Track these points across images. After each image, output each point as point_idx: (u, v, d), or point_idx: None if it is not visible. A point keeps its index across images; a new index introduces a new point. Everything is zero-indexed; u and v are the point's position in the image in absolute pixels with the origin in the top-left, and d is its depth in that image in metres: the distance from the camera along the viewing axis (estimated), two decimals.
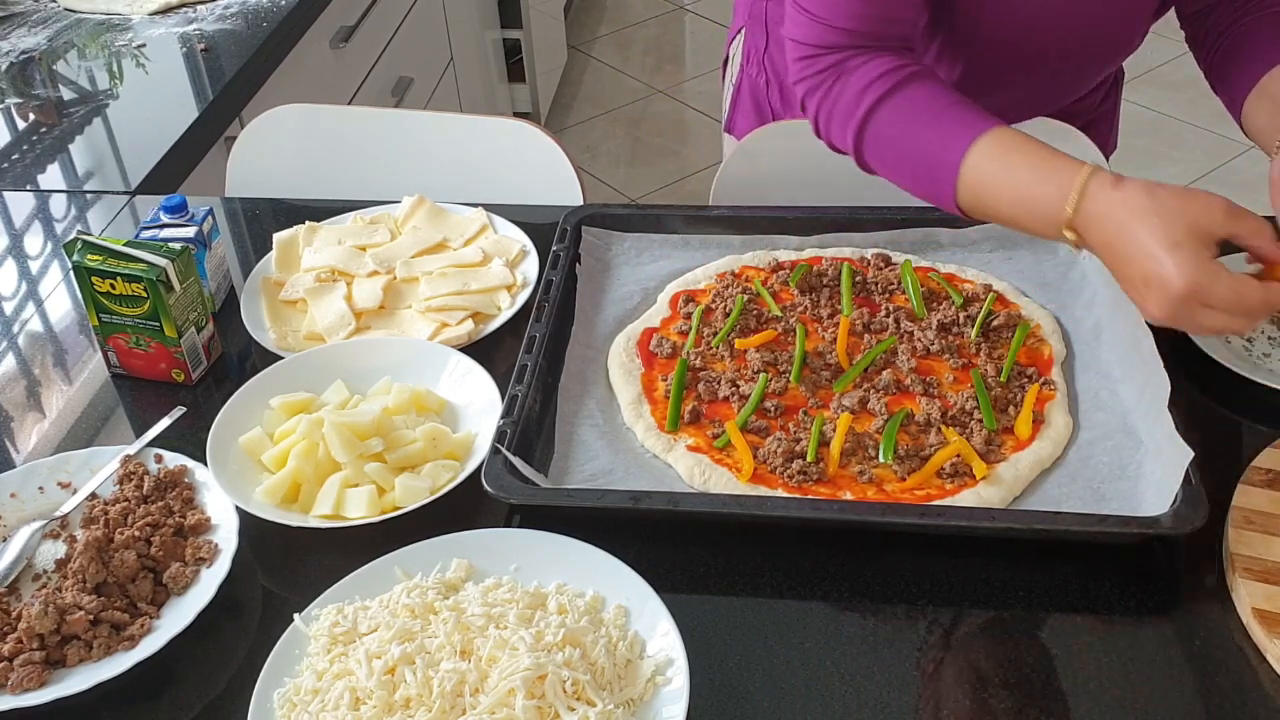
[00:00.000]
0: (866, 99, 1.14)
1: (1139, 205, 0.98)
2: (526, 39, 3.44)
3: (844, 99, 1.16)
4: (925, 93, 1.14)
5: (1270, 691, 0.91)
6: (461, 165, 1.62)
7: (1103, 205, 1.01)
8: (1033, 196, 1.05)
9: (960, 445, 1.08)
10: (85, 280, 1.22)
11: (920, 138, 1.13)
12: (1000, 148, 1.07)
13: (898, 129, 1.14)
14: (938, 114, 1.12)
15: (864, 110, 1.14)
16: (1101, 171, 1.02)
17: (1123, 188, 1.00)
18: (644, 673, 0.90)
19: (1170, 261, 0.95)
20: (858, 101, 1.15)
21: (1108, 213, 1.00)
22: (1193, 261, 0.95)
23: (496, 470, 1.06)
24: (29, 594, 1.03)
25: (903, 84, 1.13)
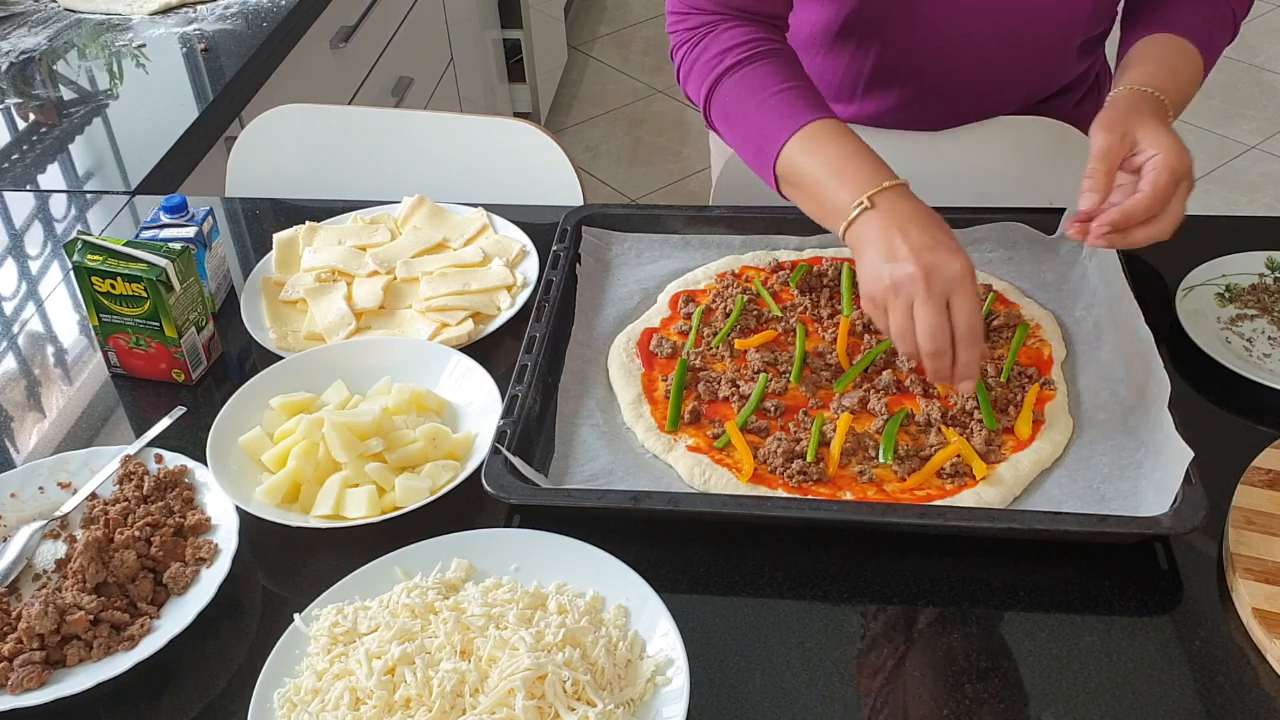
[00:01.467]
0: (717, 68, 1.21)
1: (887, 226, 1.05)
2: (526, 39, 3.44)
3: (700, 62, 1.23)
4: (767, 72, 1.19)
5: (1270, 691, 0.91)
6: (461, 165, 1.62)
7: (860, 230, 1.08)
8: (826, 198, 1.12)
9: (960, 445, 1.08)
10: (85, 280, 1.22)
11: (752, 117, 1.18)
12: (812, 143, 1.13)
13: (736, 105, 1.20)
14: (770, 98, 1.17)
15: (713, 78, 1.21)
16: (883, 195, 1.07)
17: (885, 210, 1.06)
18: (644, 673, 0.90)
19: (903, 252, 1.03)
20: (709, 68, 1.22)
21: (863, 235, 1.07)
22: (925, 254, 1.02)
23: (496, 470, 1.06)
24: (29, 594, 1.03)
25: (750, 60, 1.19)
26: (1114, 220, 1.06)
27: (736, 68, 1.20)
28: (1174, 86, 1.18)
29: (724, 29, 1.23)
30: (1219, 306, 1.26)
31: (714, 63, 1.21)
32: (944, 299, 1.02)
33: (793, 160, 1.14)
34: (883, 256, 1.04)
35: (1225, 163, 3.37)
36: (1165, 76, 1.18)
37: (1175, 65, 1.21)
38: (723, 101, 1.21)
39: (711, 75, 1.21)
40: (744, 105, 1.19)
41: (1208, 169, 3.38)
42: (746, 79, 1.19)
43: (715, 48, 1.22)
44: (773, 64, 1.20)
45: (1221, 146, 3.37)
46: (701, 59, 1.23)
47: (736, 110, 1.20)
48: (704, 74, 1.22)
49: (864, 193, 1.07)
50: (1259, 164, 3.37)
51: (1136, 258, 1.27)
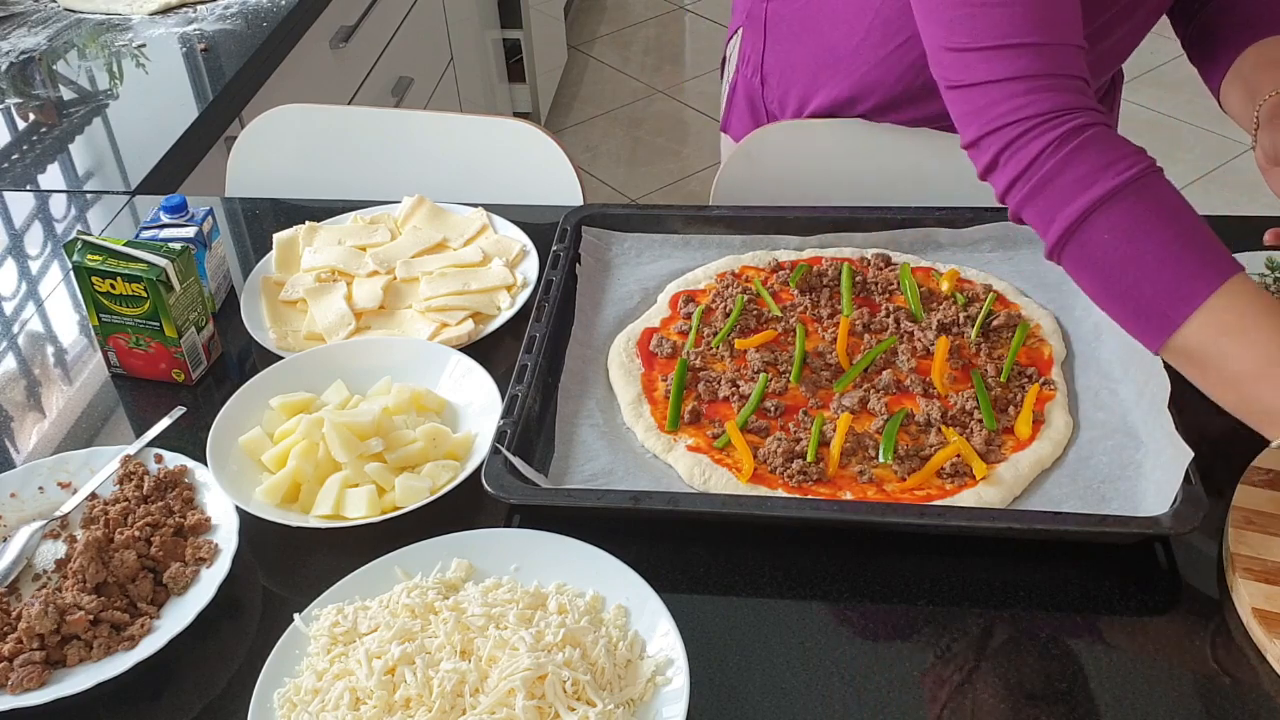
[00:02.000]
0: (1091, 191, 0.95)
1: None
2: (526, 39, 3.44)
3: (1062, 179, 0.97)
4: (1156, 206, 0.96)
5: (1270, 691, 0.91)
6: (461, 165, 1.62)
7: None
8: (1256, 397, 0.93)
9: (960, 445, 1.08)
10: (85, 280, 1.22)
11: (1142, 270, 0.95)
12: (1233, 318, 0.93)
13: (1116, 247, 0.96)
14: (1166, 243, 0.95)
15: (1085, 205, 0.96)
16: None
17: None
18: (644, 673, 0.90)
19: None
20: (1079, 190, 0.96)
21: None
22: None
23: (496, 470, 1.06)
24: (29, 594, 1.03)
25: (1134, 185, 0.95)
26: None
27: (1114, 197, 0.95)
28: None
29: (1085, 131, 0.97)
30: None
31: (1081, 186, 0.96)
32: None
33: (1203, 339, 0.94)
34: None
35: (1225, 163, 3.37)
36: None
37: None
38: (1095, 244, 0.96)
39: (1078, 205, 0.96)
40: (1125, 254, 0.95)
41: (1208, 169, 3.38)
42: (1129, 216, 0.95)
43: (1084, 164, 0.96)
44: (1158, 193, 0.96)
45: (1221, 146, 3.37)
46: (1062, 179, 0.97)
47: (1114, 259, 0.96)
48: (1063, 200, 0.97)
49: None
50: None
51: None
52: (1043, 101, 0.98)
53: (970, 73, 1.01)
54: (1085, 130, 0.97)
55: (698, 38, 4.32)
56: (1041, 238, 1.01)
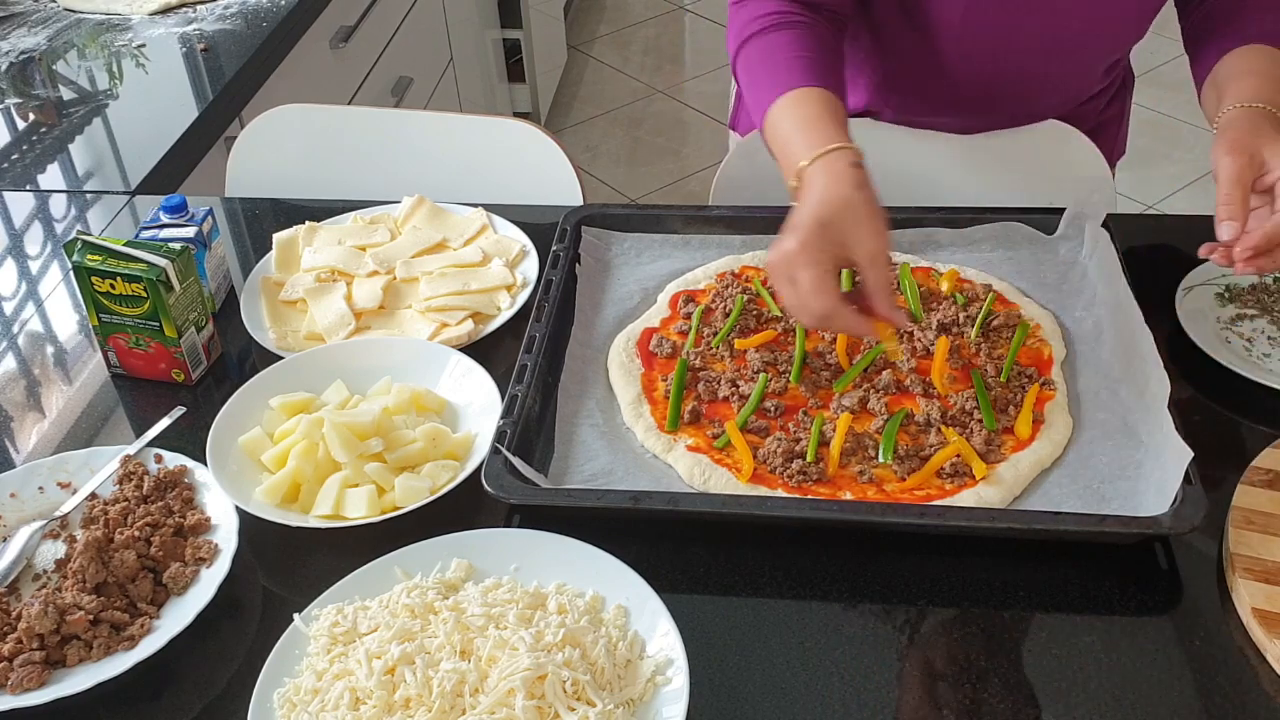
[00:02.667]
0: (749, 28, 1.28)
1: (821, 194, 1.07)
2: (526, 39, 3.44)
3: (737, 21, 1.31)
4: (787, 41, 1.25)
5: (1270, 691, 0.91)
6: (461, 165, 1.62)
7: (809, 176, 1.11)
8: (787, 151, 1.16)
9: (960, 445, 1.08)
10: (85, 280, 1.22)
11: (760, 78, 1.25)
12: (791, 103, 1.19)
13: (753, 66, 1.28)
14: (780, 63, 1.24)
15: (744, 37, 1.29)
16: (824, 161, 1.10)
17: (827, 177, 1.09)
18: (644, 673, 0.90)
19: (792, 234, 1.06)
20: (743, 28, 1.29)
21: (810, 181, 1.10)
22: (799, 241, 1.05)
23: (496, 470, 1.06)
24: (29, 594, 1.03)
25: (775, 27, 1.26)
26: (1256, 244, 1.04)
27: (764, 32, 1.26)
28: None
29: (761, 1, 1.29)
30: (1219, 306, 1.26)
31: (748, 25, 1.28)
32: None
33: (772, 118, 1.20)
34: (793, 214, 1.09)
35: None
36: (1271, 89, 1.15)
37: (1275, 75, 1.17)
38: (746, 60, 1.28)
39: (743, 35, 1.28)
40: (759, 67, 1.26)
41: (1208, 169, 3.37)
42: (770, 43, 1.26)
43: (754, 11, 1.28)
44: (795, 34, 1.25)
45: None
46: (739, 18, 1.30)
47: (752, 71, 1.27)
48: (738, 33, 1.30)
49: (815, 151, 1.11)
50: None
51: (1136, 258, 1.27)
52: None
53: None
54: None
55: (698, 38, 4.32)
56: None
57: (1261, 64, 1.19)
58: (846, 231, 1.05)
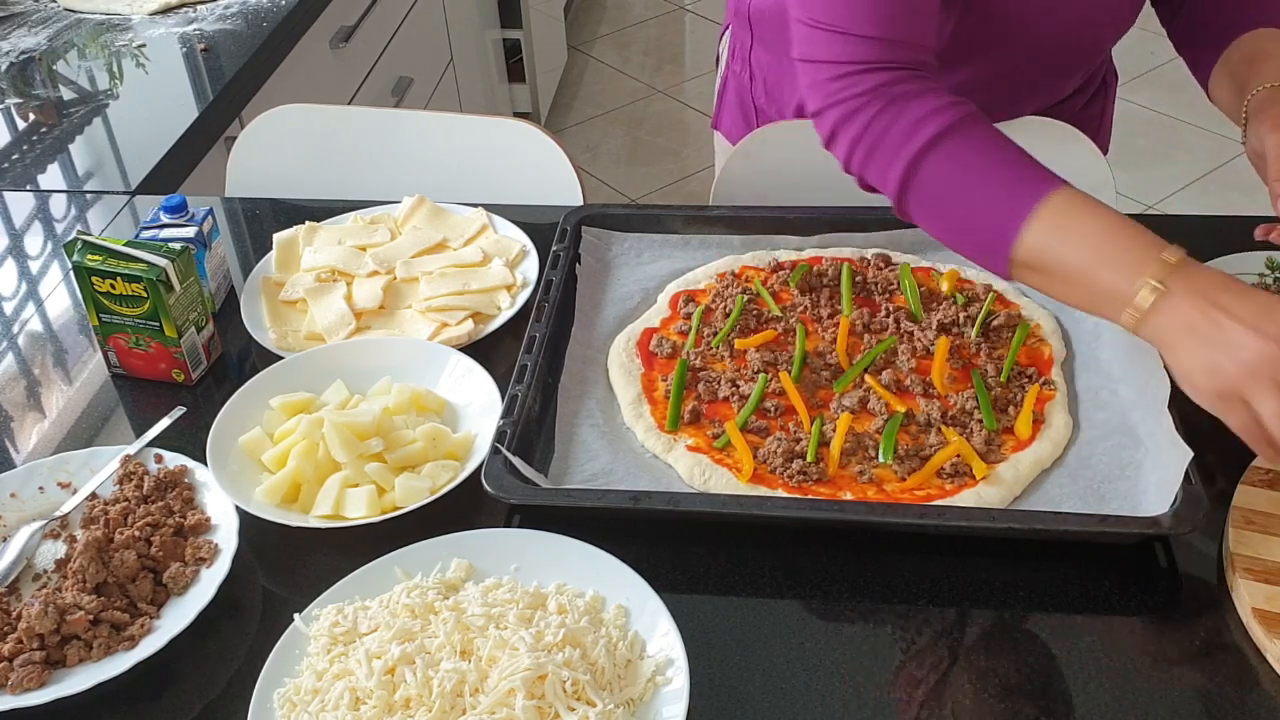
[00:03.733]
0: (917, 139, 1.02)
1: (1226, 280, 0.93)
2: (526, 39, 3.44)
3: (891, 135, 1.04)
4: (984, 140, 1.03)
5: (1270, 691, 0.91)
6: (461, 165, 1.62)
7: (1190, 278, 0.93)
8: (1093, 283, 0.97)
9: (960, 445, 1.08)
10: (85, 280, 1.22)
11: (977, 193, 1.02)
12: (1056, 220, 0.98)
13: (953, 178, 1.03)
14: (997, 167, 1.02)
15: (915, 149, 1.02)
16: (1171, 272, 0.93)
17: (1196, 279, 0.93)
18: (644, 673, 0.90)
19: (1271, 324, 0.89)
20: (907, 138, 1.03)
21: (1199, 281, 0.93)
22: None
23: (496, 470, 1.06)
24: (29, 594, 1.03)
25: (961, 125, 1.02)
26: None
27: (940, 139, 1.02)
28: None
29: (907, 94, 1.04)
30: None
31: (909, 135, 1.03)
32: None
33: (1037, 244, 0.98)
34: (1214, 344, 0.90)
35: (1225, 163, 3.37)
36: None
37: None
38: (930, 181, 1.03)
39: (909, 149, 1.03)
40: (960, 184, 1.03)
41: (1208, 169, 3.38)
42: (955, 154, 1.02)
43: (908, 119, 1.03)
44: (984, 131, 1.03)
45: (1221, 146, 3.37)
46: (891, 133, 1.04)
47: (948, 193, 1.03)
48: (896, 148, 1.03)
49: (1144, 273, 0.93)
50: None
51: None
52: (874, 79, 1.06)
53: (815, 49, 1.09)
54: (908, 92, 1.05)
55: (698, 38, 4.32)
56: (889, 197, 1.08)
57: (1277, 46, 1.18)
58: None
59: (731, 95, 1.59)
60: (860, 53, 1.07)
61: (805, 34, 1.10)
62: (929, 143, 1.02)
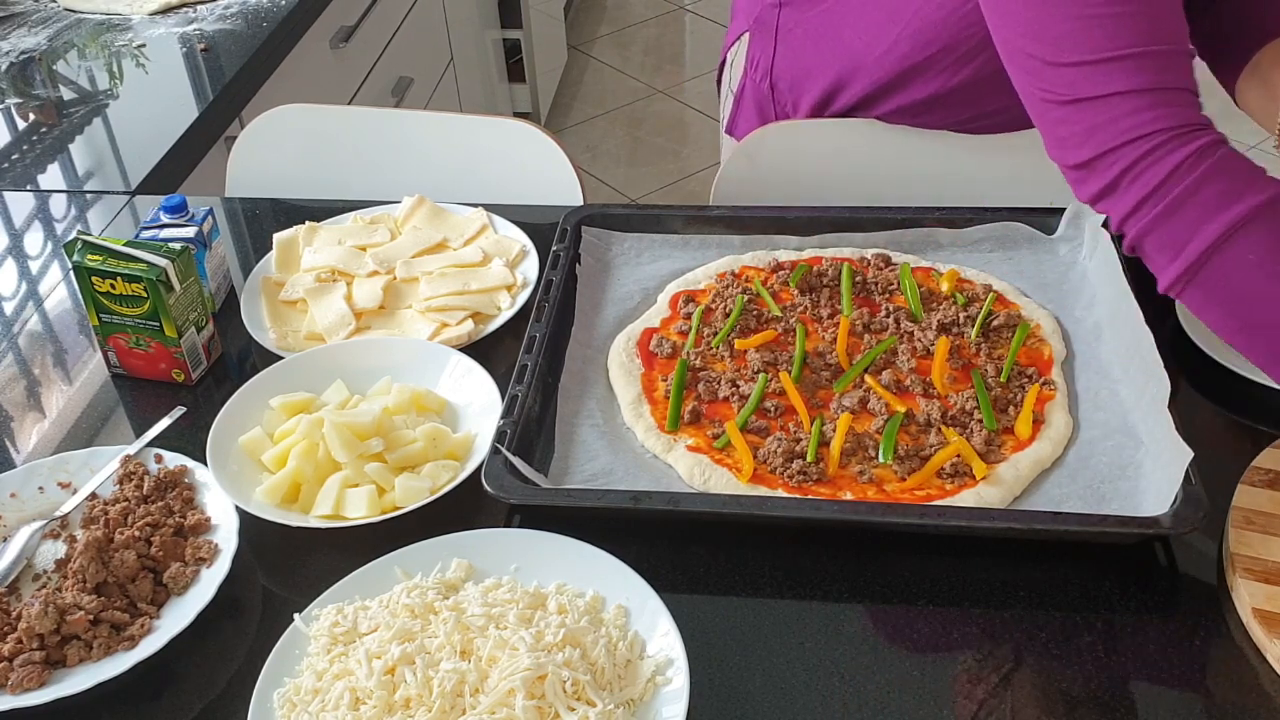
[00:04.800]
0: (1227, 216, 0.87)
1: None
2: (526, 39, 3.44)
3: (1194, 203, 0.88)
4: None
5: (1270, 691, 0.91)
6: (461, 165, 1.62)
7: None
8: None
9: (960, 445, 1.08)
10: (85, 280, 1.22)
11: None
12: None
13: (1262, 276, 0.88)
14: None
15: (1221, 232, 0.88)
16: None
17: None
18: (644, 673, 0.90)
19: None
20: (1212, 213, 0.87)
21: None
22: None
23: (496, 470, 1.06)
24: (29, 594, 1.03)
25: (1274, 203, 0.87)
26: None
27: (1259, 217, 0.86)
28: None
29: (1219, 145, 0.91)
30: None
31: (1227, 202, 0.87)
32: None
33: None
34: None
35: None
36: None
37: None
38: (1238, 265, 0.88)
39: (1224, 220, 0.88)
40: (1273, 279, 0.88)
41: None
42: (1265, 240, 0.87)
43: (1225, 182, 0.88)
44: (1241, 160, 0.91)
45: None
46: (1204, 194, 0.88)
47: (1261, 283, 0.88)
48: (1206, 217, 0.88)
49: None
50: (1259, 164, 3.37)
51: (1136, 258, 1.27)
52: (1170, 116, 0.89)
53: (1084, 87, 0.92)
54: (1216, 149, 0.90)
55: (698, 38, 4.32)
56: (1163, 267, 0.93)
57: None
58: None
59: (749, 105, 1.59)
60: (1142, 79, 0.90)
61: (1062, 75, 0.94)
62: (1244, 218, 0.87)
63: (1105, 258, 1.25)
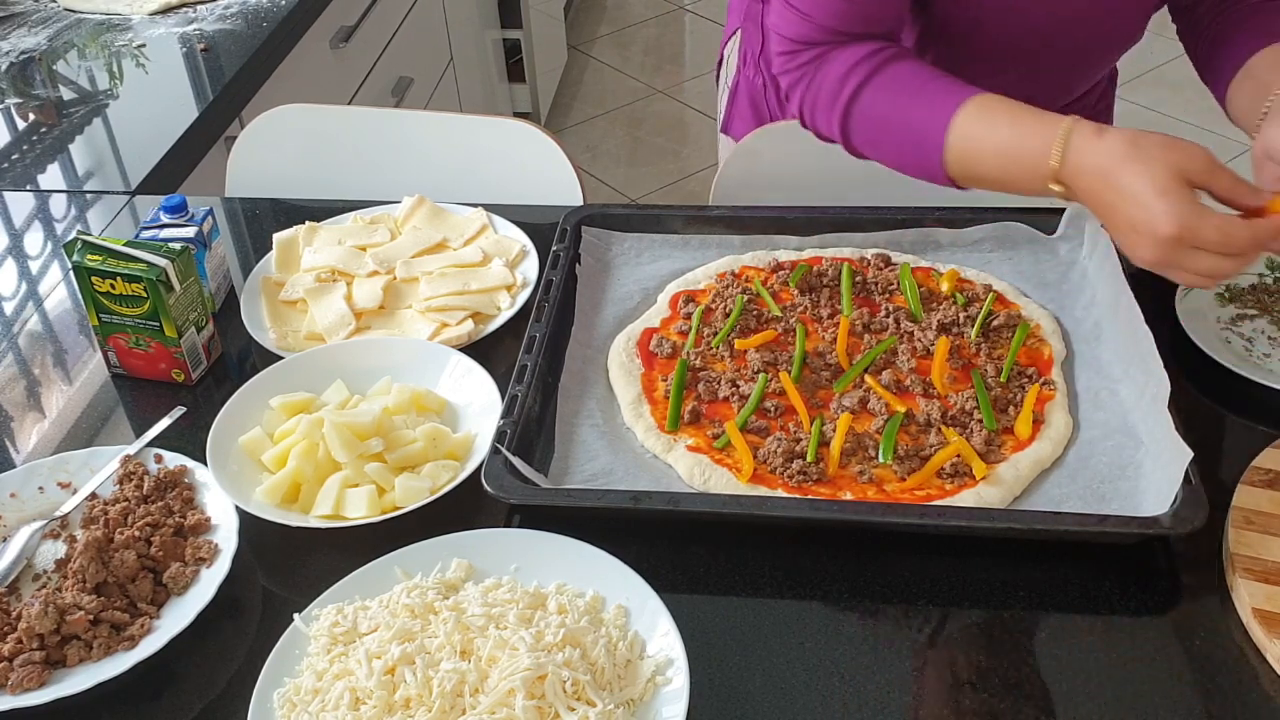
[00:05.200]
0: (849, 83, 1.15)
1: (1123, 153, 1.00)
2: (526, 39, 3.44)
3: (826, 85, 1.17)
4: (906, 70, 1.15)
5: (1270, 691, 0.91)
6: (461, 165, 1.62)
7: (1087, 156, 1.02)
8: (1018, 153, 1.06)
9: (960, 445, 1.08)
10: (85, 280, 1.22)
11: (906, 114, 1.13)
12: (983, 111, 1.09)
13: (882, 108, 1.15)
14: (920, 88, 1.13)
15: (848, 94, 1.16)
16: (1083, 122, 1.03)
17: (1105, 137, 1.01)
18: (644, 673, 0.90)
19: (1158, 206, 0.97)
20: (840, 86, 1.16)
21: (1093, 163, 1.01)
22: (1179, 205, 0.97)
23: (496, 470, 1.06)
24: (29, 594, 1.03)
25: (884, 65, 1.15)
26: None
27: (870, 79, 1.14)
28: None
29: (839, 51, 1.17)
30: (1219, 306, 1.26)
31: (841, 83, 1.16)
32: None
33: (964, 134, 1.08)
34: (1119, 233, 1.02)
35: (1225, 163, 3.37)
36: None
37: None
38: (863, 113, 1.15)
39: (844, 95, 1.15)
40: (893, 106, 1.14)
41: None
42: (883, 84, 1.13)
43: (838, 70, 1.16)
44: (905, 64, 1.15)
45: (1221, 146, 3.36)
46: (826, 84, 1.17)
47: (884, 113, 1.14)
48: (833, 97, 1.16)
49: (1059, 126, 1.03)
50: None
51: None
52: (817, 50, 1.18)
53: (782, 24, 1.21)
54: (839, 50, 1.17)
55: (698, 38, 4.32)
56: (836, 139, 1.20)
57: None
58: (1182, 164, 0.98)
59: (743, 100, 1.59)
60: (810, 35, 1.18)
61: (777, 7, 1.21)
62: (858, 87, 1.14)
63: (1105, 258, 1.25)
